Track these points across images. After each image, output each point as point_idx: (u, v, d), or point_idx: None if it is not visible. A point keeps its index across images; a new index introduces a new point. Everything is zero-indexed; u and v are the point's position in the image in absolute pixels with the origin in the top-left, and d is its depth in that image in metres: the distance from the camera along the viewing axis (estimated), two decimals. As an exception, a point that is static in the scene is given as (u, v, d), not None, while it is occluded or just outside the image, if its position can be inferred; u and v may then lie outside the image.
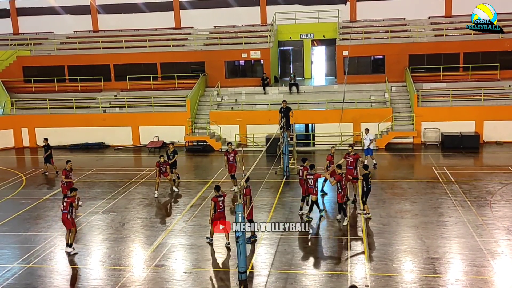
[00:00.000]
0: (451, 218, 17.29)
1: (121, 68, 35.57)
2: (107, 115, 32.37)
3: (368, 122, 29.02)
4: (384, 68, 33.26)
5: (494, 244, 15.01)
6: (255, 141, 30.08)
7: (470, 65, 31.88)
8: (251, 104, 32.07)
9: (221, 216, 15.18)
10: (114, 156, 29.59)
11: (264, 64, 34.31)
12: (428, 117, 29.12)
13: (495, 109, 28.89)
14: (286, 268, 14.04)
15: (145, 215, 18.96)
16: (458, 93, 30.15)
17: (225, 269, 14.26)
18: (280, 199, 19.59)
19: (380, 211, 18.23)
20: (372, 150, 23.58)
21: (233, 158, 21.01)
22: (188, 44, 36.26)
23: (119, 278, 13.76)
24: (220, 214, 15.15)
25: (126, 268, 14.50)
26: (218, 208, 15.13)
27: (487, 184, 20.94)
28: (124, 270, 14.34)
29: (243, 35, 35.58)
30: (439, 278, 13.16)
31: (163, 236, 16.64)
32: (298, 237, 16.03)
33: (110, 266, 14.68)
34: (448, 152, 27.32)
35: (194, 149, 30.17)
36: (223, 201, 15.33)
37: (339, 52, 33.56)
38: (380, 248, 14.94)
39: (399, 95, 31.43)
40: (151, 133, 31.29)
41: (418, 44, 33.00)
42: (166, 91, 33.96)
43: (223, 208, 15.30)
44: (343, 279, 13.10)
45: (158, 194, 20.92)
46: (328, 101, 30.55)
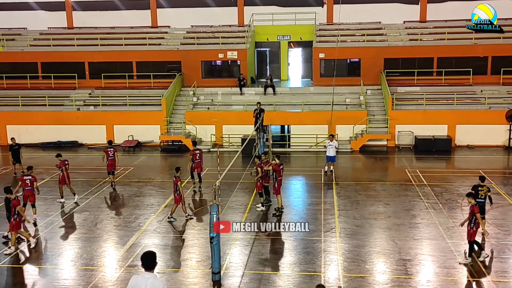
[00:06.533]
0: (423, 220, 17.56)
1: (96, 66, 35.15)
2: (81, 113, 31.96)
3: (343, 125, 29.40)
4: (359, 71, 33.58)
5: (464, 246, 15.25)
6: (231, 141, 30.05)
7: (443, 69, 32.43)
8: (227, 105, 32.03)
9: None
10: (87, 155, 29.21)
11: (241, 65, 34.33)
12: (402, 120, 29.51)
13: (467, 114, 29.42)
14: (260, 269, 14.05)
15: (119, 214, 18.76)
16: (432, 97, 30.64)
17: (199, 270, 14.20)
18: (255, 199, 19.60)
19: (353, 212, 18.40)
20: (335, 157, 23.55)
21: (199, 157, 21.56)
22: (164, 43, 36.03)
23: (91, 279, 13.58)
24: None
25: (98, 268, 14.31)
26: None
27: (458, 187, 21.32)
28: (96, 270, 14.15)
29: (220, 35, 35.52)
30: (410, 279, 13.33)
31: (136, 236, 16.49)
32: (272, 238, 16.07)
33: (81, 266, 14.47)
34: (421, 155, 27.73)
35: (169, 149, 29.99)
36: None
37: (316, 54, 33.79)
38: (353, 249, 15.07)
39: (374, 98, 31.78)
40: (126, 132, 31.00)
41: (393, 48, 33.41)
42: (141, 90, 33.69)
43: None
44: (316, 280, 13.16)
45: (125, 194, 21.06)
46: (304, 103, 30.71)
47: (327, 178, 23.16)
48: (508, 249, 14.62)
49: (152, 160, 28.33)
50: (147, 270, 7.64)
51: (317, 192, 21.18)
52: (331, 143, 23.26)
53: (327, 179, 23.02)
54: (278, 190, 18.24)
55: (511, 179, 23.06)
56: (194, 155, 21.52)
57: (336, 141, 23.89)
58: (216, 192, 13.38)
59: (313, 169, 25.09)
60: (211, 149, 29.52)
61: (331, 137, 23.76)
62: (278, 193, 18.26)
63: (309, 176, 24.05)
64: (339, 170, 24.32)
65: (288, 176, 23.11)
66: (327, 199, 20.03)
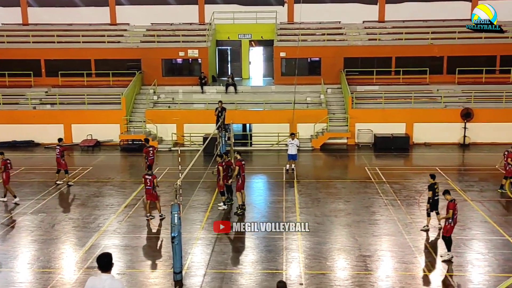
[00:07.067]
0: (382, 216, 17.89)
1: (52, 64, 34.24)
2: (37, 112, 31.10)
3: (304, 123, 29.61)
4: (320, 70, 33.91)
5: (421, 242, 15.66)
6: (192, 140, 29.86)
7: (401, 69, 33.09)
8: (188, 103, 31.79)
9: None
10: (44, 155, 28.45)
11: (202, 63, 34.12)
12: (362, 118, 29.97)
13: (424, 112, 30.12)
14: (222, 268, 14.02)
15: (77, 215, 18.36)
16: (390, 96, 31.22)
17: (160, 270, 14.05)
18: (217, 198, 19.54)
19: (314, 210, 18.57)
20: (297, 155, 23.81)
21: (153, 153, 22.11)
22: (124, 40, 35.45)
23: (48, 281, 13.24)
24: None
25: (56, 270, 13.97)
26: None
27: (415, 184, 21.82)
28: (54, 272, 13.81)
29: (180, 33, 35.21)
30: (370, 275, 13.56)
31: (96, 237, 16.18)
32: (234, 237, 16.06)
33: (38, 268, 14.09)
34: (380, 153, 28.24)
35: (129, 148, 29.53)
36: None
37: (277, 53, 33.93)
38: (314, 247, 15.21)
39: (334, 97, 32.16)
40: (85, 131, 30.35)
41: (353, 47, 33.87)
42: (100, 88, 33.03)
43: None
44: (278, 277, 13.20)
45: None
46: (265, 102, 30.79)
47: (288, 176, 23.30)
48: (463, 243, 15.04)
49: (112, 159, 27.86)
50: (103, 271, 7.53)
51: (278, 190, 21.28)
52: (293, 142, 23.45)
53: (288, 177, 23.16)
54: (241, 187, 18.18)
55: (466, 175, 23.76)
56: (148, 153, 21.71)
57: (297, 139, 24.11)
58: (177, 191, 13.28)
59: (274, 168, 25.19)
60: (172, 148, 29.25)
61: (292, 136, 23.94)
62: (241, 190, 18.19)
63: (271, 174, 24.13)
64: (300, 168, 24.51)
65: (250, 174, 23.12)
66: (288, 197, 20.16)
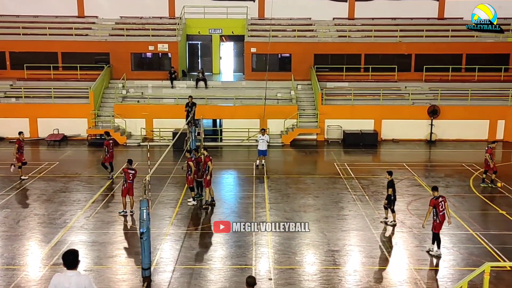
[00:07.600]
0: (350, 212, 18.10)
1: (17, 56, 33.43)
2: (1, 106, 30.33)
3: (274, 119, 29.67)
4: (290, 66, 34.03)
5: (388, 236, 15.91)
6: (161, 135, 29.60)
7: (370, 66, 33.50)
8: (158, 98, 31.50)
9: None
10: (9, 149, 27.74)
11: (172, 58, 33.80)
12: (331, 115, 30.22)
13: (392, 109, 30.56)
14: (191, 264, 13.96)
15: (43, 211, 18.00)
16: (359, 92, 31.57)
17: (128, 266, 13.90)
18: (187, 194, 19.43)
19: (284, 205, 18.66)
20: (267, 151, 23.95)
21: (112, 146, 21.95)
22: (92, 33, 34.80)
23: (13, 278, 12.95)
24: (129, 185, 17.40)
25: (20, 267, 13.67)
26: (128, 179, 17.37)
27: (384, 179, 21.98)
28: (19, 269, 13.51)
29: (150, 27, 34.79)
30: (338, 270, 13.71)
31: (62, 233, 15.90)
32: (203, 232, 16.02)
33: (2, 265, 13.76)
34: (349, 149, 28.54)
35: (97, 142, 29.04)
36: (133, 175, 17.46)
37: (247, 48, 33.89)
38: (283, 242, 15.28)
39: (304, 93, 32.33)
40: (51, 125, 29.74)
41: (323, 44, 34.07)
42: (67, 82, 32.40)
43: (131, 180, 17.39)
44: (247, 272, 13.23)
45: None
46: (236, 97, 30.74)
47: (258, 171, 23.34)
48: (429, 238, 15.31)
49: (79, 154, 27.39)
50: (69, 269, 7.41)
51: (248, 185, 21.31)
52: (263, 137, 23.52)
53: (258, 172, 23.20)
54: (209, 182, 18.16)
55: (432, 171, 24.23)
56: (108, 145, 21.65)
57: (267, 135, 24.17)
58: (146, 187, 13.13)
59: (244, 163, 25.21)
60: (141, 143, 28.95)
61: (262, 131, 23.99)
62: (209, 185, 18.17)
63: (241, 170, 24.14)
64: (270, 164, 24.58)
65: (220, 170, 23.11)
66: (258, 192, 20.21)
